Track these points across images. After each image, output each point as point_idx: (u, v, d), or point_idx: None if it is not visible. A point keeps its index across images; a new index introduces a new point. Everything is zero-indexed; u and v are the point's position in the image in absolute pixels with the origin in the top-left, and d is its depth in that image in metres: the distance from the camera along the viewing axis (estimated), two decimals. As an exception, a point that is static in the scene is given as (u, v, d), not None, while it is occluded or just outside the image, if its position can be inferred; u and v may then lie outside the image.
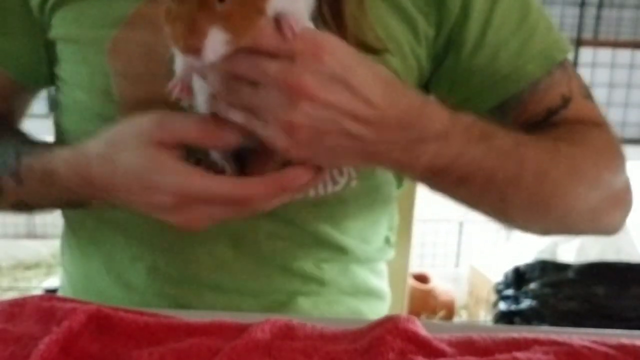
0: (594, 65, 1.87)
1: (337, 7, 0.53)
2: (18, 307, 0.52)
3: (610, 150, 0.65)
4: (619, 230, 0.66)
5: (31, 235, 2.27)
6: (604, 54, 1.88)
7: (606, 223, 0.64)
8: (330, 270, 0.69)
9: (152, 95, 0.59)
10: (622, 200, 0.65)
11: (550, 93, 0.64)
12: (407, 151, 0.52)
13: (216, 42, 0.43)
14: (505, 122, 0.65)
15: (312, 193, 0.64)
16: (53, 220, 2.23)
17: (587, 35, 1.88)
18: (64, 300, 0.56)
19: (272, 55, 0.46)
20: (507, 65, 0.63)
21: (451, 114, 0.54)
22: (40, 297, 0.55)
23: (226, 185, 0.51)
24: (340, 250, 0.69)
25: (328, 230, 0.67)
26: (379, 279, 0.76)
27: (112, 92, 0.62)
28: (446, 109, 0.55)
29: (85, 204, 0.64)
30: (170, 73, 0.56)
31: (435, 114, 0.53)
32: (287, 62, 0.46)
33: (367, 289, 0.73)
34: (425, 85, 0.67)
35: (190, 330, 0.49)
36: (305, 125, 0.47)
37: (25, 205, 0.66)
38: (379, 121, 0.49)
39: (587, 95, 0.66)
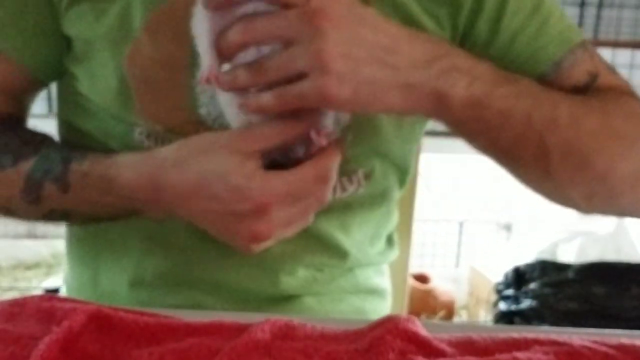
0: (594, 65, 1.88)
1: None
2: (18, 307, 0.52)
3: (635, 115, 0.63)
4: None
5: (31, 235, 2.27)
6: (604, 53, 1.87)
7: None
8: (333, 272, 0.70)
9: (172, 103, 0.60)
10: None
11: (576, 70, 0.63)
12: (442, 79, 0.53)
13: None
14: None
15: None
16: (53, 220, 2.23)
17: (587, 35, 1.88)
18: (64, 300, 0.56)
19: None
20: (526, 49, 0.62)
21: (466, 54, 0.56)
22: (40, 297, 0.55)
23: (303, 173, 0.53)
24: (344, 254, 0.69)
25: (335, 235, 0.67)
26: (381, 277, 0.77)
27: (131, 96, 0.61)
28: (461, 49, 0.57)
29: (133, 214, 0.63)
30: (189, 78, 0.58)
31: (460, 51, 0.56)
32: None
33: (369, 288, 0.74)
34: None
35: (190, 330, 0.49)
36: (339, 54, 0.48)
37: (64, 214, 0.64)
38: (407, 52, 0.51)
39: (613, 71, 0.66)
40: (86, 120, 0.67)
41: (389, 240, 0.76)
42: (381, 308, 0.76)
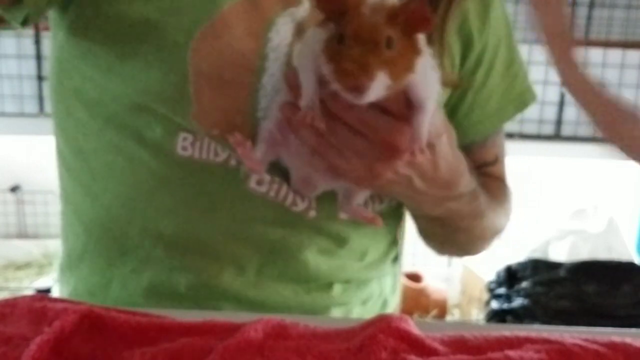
0: (585, 64, 1.88)
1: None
2: (9, 308, 0.51)
3: (510, 206, 0.79)
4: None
5: (22, 235, 2.25)
6: (595, 53, 1.89)
7: (486, 245, 0.78)
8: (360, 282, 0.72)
9: (232, 103, 0.59)
10: (498, 234, 0.78)
11: (492, 150, 0.75)
12: (436, 204, 0.63)
13: (380, 85, 0.46)
14: None
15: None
16: (44, 220, 2.22)
17: (579, 35, 1.89)
18: (56, 300, 0.56)
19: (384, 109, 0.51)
20: (495, 104, 0.72)
21: (470, 175, 0.64)
22: (32, 298, 0.54)
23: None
24: (373, 263, 0.71)
25: (366, 244, 0.69)
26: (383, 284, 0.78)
27: (187, 92, 0.58)
28: (469, 170, 0.65)
29: None
30: (255, 82, 0.58)
31: (465, 177, 0.63)
32: (394, 120, 0.50)
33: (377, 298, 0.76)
34: None
35: (183, 330, 0.48)
36: (387, 178, 0.54)
37: None
38: (436, 180, 0.57)
39: (504, 157, 0.79)
40: (98, 118, 0.63)
41: (393, 243, 0.77)
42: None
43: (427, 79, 0.50)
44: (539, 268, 1.80)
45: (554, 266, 1.80)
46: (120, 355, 0.45)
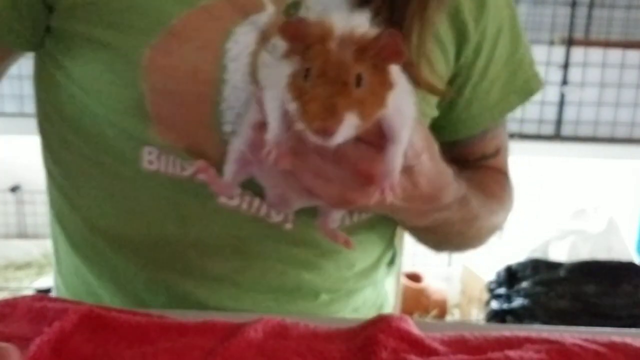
0: (585, 64, 1.88)
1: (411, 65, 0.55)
2: (9, 308, 0.51)
3: (510, 198, 0.76)
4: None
5: (22, 235, 2.25)
6: (595, 53, 1.88)
7: (483, 242, 0.76)
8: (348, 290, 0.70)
9: (193, 117, 0.57)
10: (497, 230, 0.76)
11: (491, 142, 0.73)
12: (420, 217, 0.60)
13: (349, 127, 0.43)
14: (443, 155, 0.71)
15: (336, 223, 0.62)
16: (44, 220, 2.22)
17: (579, 35, 1.88)
18: (56, 300, 0.56)
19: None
20: (496, 96, 0.69)
21: (457, 185, 0.61)
22: (32, 298, 0.54)
23: None
24: (359, 274, 0.69)
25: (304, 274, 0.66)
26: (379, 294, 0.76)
27: (144, 109, 0.57)
28: (455, 177, 0.61)
29: None
30: (215, 95, 0.56)
31: (451, 187, 0.60)
32: (367, 149, 0.47)
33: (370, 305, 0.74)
34: None
35: (183, 330, 0.48)
36: (362, 204, 0.51)
37: None
38: (417, 197, 0.55)
39: (507, 148, 0.76)
40: (77, 132, 0.62)
41: (389, 247, 0.75)
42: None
43: (401, 110, 0.47)
44: (539, 268, 1.80)
45: (554, 266, 1.79)
46: (120, 355, 0.45)
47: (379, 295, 0.75)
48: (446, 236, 0.68)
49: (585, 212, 2.01)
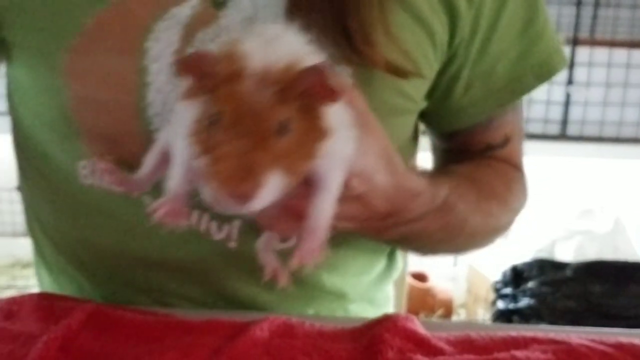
0: (590, 64, 1.87)
1: (364, 34, 0.50)
2: (17, 306, 0.52)
3: (520, 196, 0.68)
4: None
5: (29, 233, 2.26)
6: (601, 53, 1.88)
7: (483, 245, 0.68)
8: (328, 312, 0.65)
9: (120, 127, 0.52)
10: (500, 232, 0.68)
11: (498, 131, 0.64)
12: (379, 233, 0.54)
13: (273, 188, 0.35)
14: (443, 145, 0.66)
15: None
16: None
17: (584, 34, 1.88)
18: (63, 298, 0.56)
19: None
20: (503, 76, 0.60)
21: (433, 193, 0.54)
22: (39, 296, 0.54)
23: None
24: (339, 295, 0.64)
25: (326, 278, 0.62)
26: (377, 307, 0.71)
27: (71, 119, 0.53)
28: (429, 185, 0.54)
29: None
30: (138, 101, 0.49)
31: (420, 198, 0.53)
32: (292, 200, 0.40)
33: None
34: None
35: (189, 328, 0.49)
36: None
37: None
38: (371, 218, 0.49)
39: (521, 137, 0.67)
40: (26, 147, 0.59)
41: (391, 256, 0.71)
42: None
43: (335, 154, 0.39)
44: (545, 268, 1.79)
45: (560, 266, 1.79)
46: (127, 353, 0.45)
47: (375, 313, 0.69)
48: (427, 245, 0.62)
49: (592, 212, 2.01)
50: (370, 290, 0.69)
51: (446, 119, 0.63)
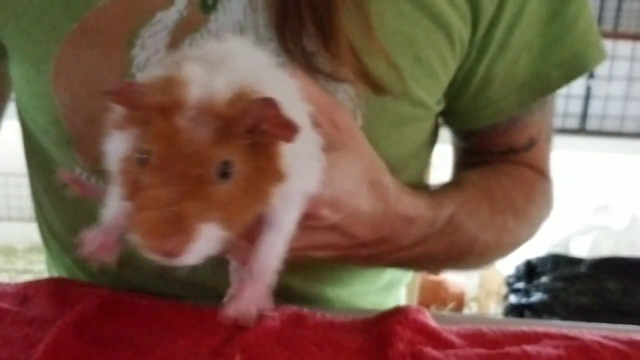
0: (613, 57, 1.85)
1: (332, 38, 0.45)
2: (32, 290, 0.52)
3: (542, 206, 0.63)
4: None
5: (46, 218, 2.28)
6: (624, 46, 1.85)
7: (499, 259, 0.64)
8: None
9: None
10: (517, 246, 0.64)
11: (522, 132, 0.59)
12: (370, 259, 0.51)
13: (207, 243, 0.30)
14: (462, 144, 0.62)
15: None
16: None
17: (607, 27, 1.85)
18: (78, 283, 0.57)
19: None
20: (525, 72, 0.55)
21: (433, 216, 0.51)
22: (55, 280, 0.55)
23: None
24: (346, 304, 0.62)
25: (331, 291, 0.61)
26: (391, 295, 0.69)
27: (62, 126, 0.51)
28: (429, 208, 0.50)
29: None
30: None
31: (418, 222, 0.49)
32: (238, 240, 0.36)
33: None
34: None
35: (202, 316, 0.49)
36: None
37: None
38: (355, 246, 0.46)
39: (549, 139, 0.62)
40: (32, 150, 0.59)
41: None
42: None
43: (292, 191, 0.34)
44: (559, 263, 1.78)
45: (574, 262, 1.77)
46: (141, 339, 0.46)
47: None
48: (432, 266, 0.59)
49: (609, 207, 1.99)
50: (380, 296, 0.67)
51: (462, 117, 0.58)
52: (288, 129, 0.30)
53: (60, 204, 0.60)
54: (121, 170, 0.31)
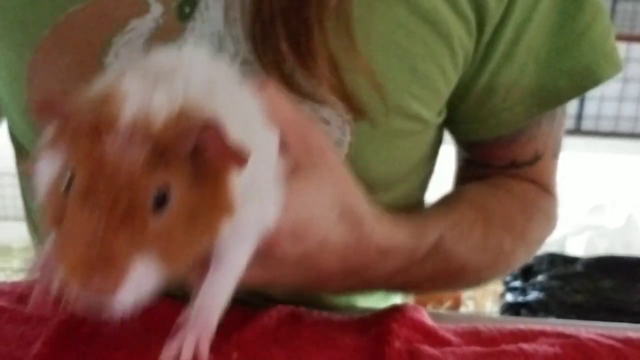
0: (608, 58, 1.86)
1: (307, 49, 0.42)
2: (29, 289, 0.52)
3: (544, 226, 0.59)
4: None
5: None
6: (618, 47, 1.86)
7: (495, 279, 0.61)
8: None
9: None
10: (514, 266, 0.60)
11: (527, 146, 0.55)
12: (342, 290, 0.49)
13: (144, 280, 0.27)
14: (464, 154, 0.59)
15: None
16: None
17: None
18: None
19: None
20: (531, 82, 0.51)
21: (415, 244, 0.48)
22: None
23: None
24: (348, 309, 0.59)
25: (332, 298, 0.57)
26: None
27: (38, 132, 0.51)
28: (411, 236, 0.47)
29: None
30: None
31: (392, 255, 0.46)
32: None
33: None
34: None
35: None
36: None
37: None
38: (320, 277, 0.43)
39: (556, 154, 0.58)
40: (15, 142, 0.57)
41: None
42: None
43: (244, 229, 0.31)
44: (555, 262, 1.79)
45: (570, 261, 1.78)
46: (134, 337, 0.46)
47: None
48: (420, 290, 0.56)
49: (604, 207, 2.00)
50: (382, 300, 0.65)
51: (462, 127, 0.55)
52: (232, 157, 0.26)
53: None
54: (47, 195, 0.27)
